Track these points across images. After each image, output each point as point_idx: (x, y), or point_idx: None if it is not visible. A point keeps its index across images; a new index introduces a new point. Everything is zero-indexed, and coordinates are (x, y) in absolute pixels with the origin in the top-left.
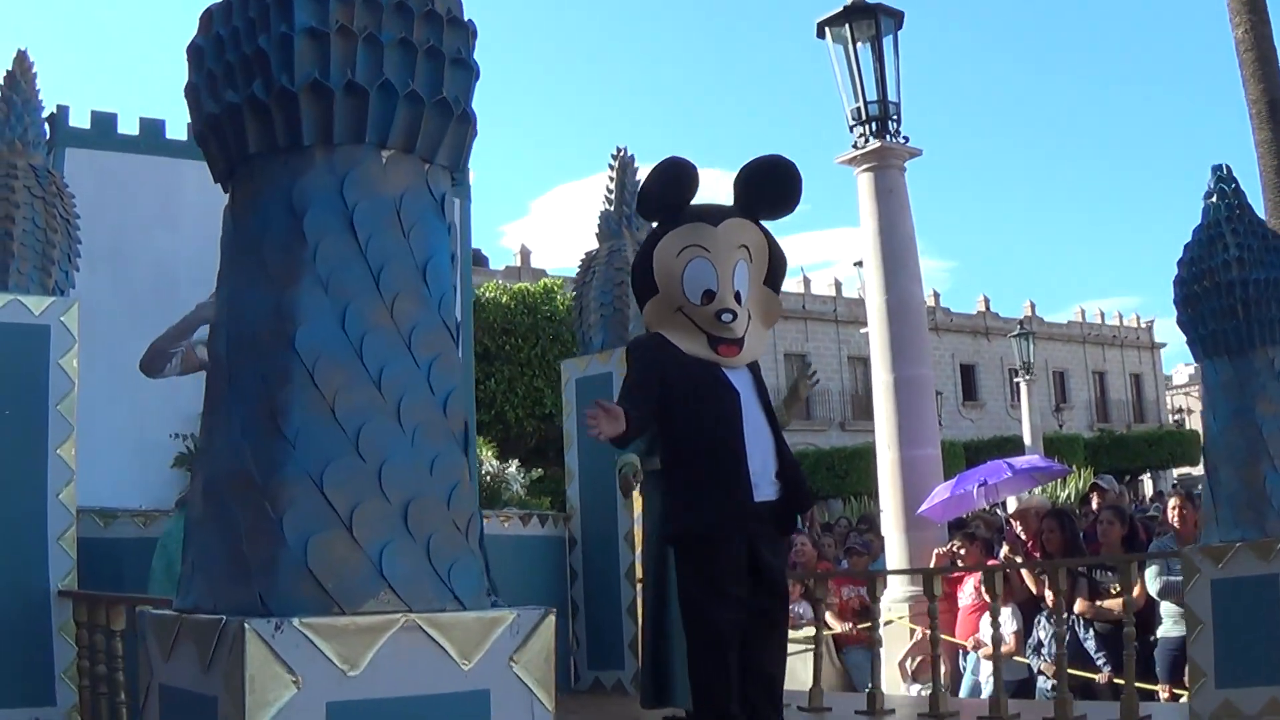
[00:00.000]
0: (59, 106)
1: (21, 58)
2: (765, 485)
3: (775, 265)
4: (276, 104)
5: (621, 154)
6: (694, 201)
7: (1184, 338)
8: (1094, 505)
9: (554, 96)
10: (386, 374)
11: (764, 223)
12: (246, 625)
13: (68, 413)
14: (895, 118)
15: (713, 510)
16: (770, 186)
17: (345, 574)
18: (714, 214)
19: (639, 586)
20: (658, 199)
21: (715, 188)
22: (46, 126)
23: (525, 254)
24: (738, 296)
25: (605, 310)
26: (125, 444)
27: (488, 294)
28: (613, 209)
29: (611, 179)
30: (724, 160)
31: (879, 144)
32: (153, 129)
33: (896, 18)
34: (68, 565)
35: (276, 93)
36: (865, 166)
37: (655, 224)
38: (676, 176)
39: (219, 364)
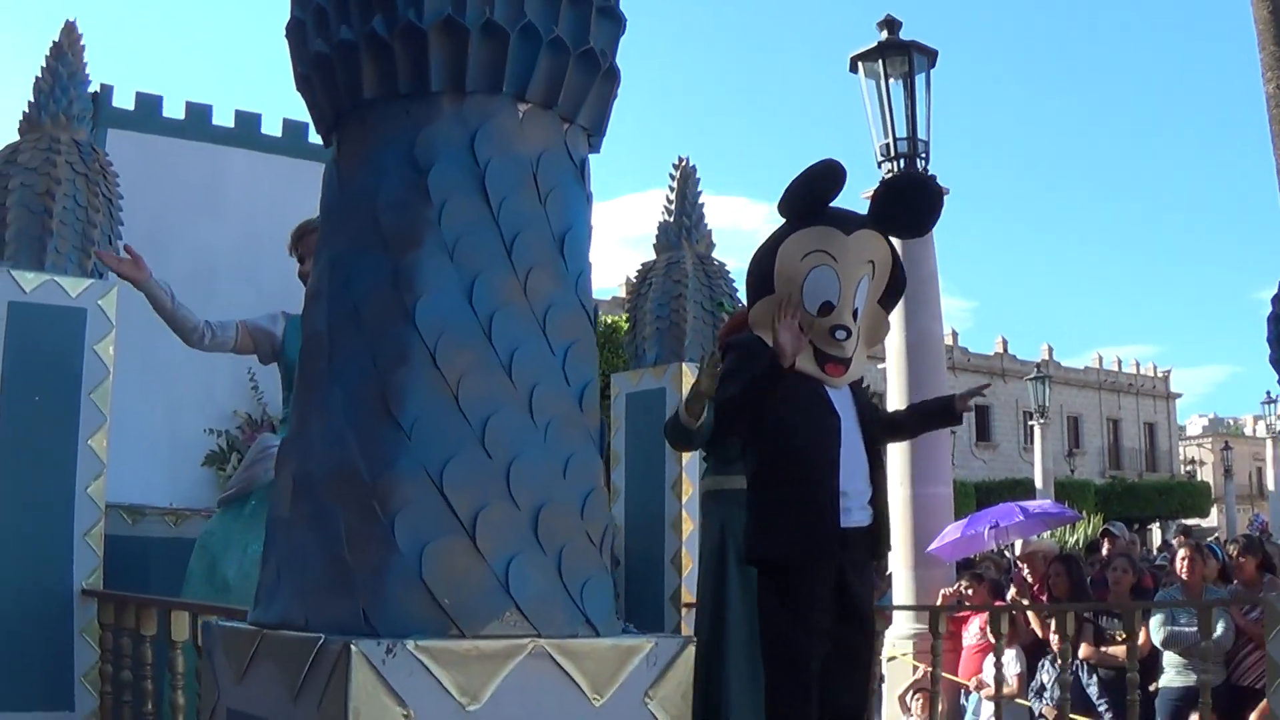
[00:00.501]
0: (102, 86)
1: (70, 28)
2: (857, 510)
3: (895, 285)
4: (400, 43)
5: (683, 164)
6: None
7: (1275, 376)
8: (1104, 551)
9: None
10: (518, 358)
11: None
12: (354, 647)
13: (101, 402)
14: (924, 155)
15: (803, 534)
16: (912, 204)
17: (466, 589)
18: (849, 220)
19: (684, 612)
20: (803, 199)
21: (740, 215)
22: (91, 102)
23: (629, 283)
24: (855, 314)
25: (661, 324)
26: (155, 439)
27: None
28: (672, 220)
29: (672, 189)
30: (749, 189)
31: None
32: (199, 114)
33: (930, 56)
34: (93, 563)
35: (401, 30)
36: None
37: (784, 221)
38: (827, 177)
39: (316, 340)
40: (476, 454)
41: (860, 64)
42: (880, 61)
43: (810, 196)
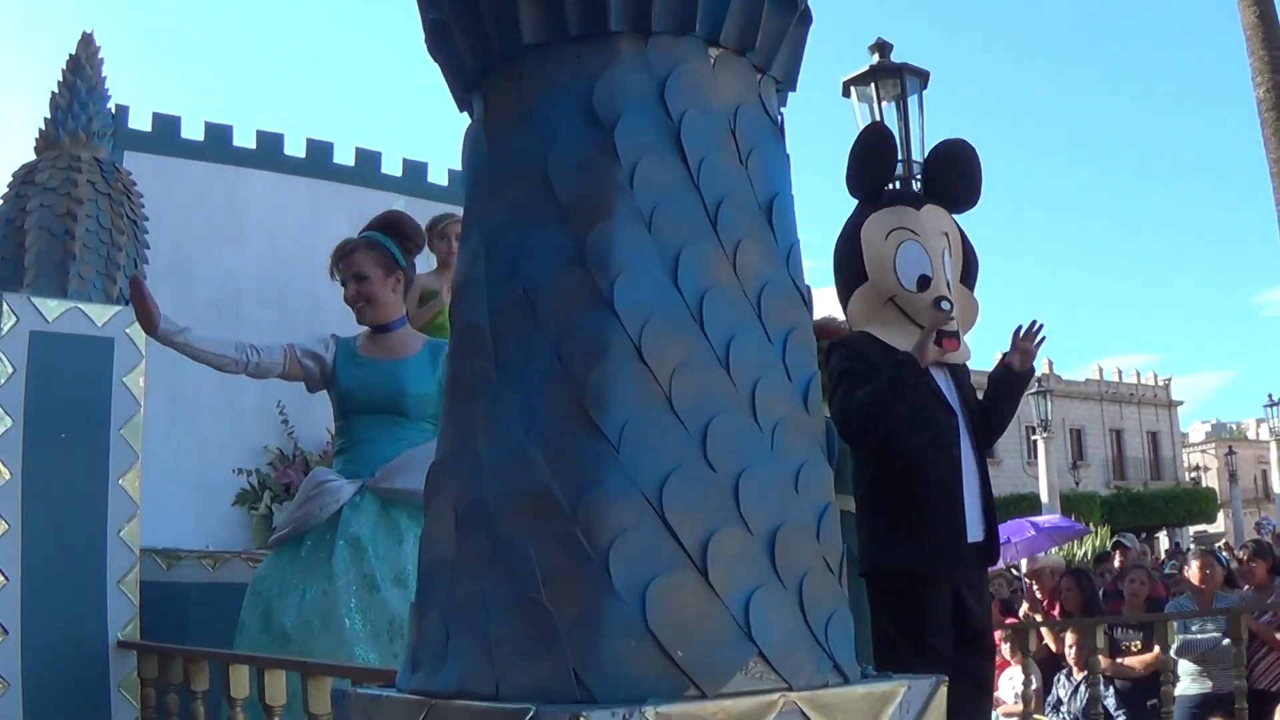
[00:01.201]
0: (118, 106)
1: (87, 41)
2: (974, 524)
3: (970, 260)
4: None
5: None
6: None
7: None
8: (1117, 563)
9: None
10: (736, 349)
11: None
12: (584, 718)
13: (132, 438)
14: (918, 176)
15: (925, 547)
16: (964, 171)
17: (701, 636)
18: (913, 196)
19: None
20: (874, 166)
21: None
22: (111, 118)
23: None
24: (948, 286)
25: None
26: (183, 477)
27: None
28: None
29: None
30: None
31: None
32: (219, 135)
33: (922, 77)
34: (129, 612)
35: None
36: None
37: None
38: (882, 139)
39: (472, 337)
40: (699, 467)
41: (853, 88)
42: (872, 85)
43: (878, 162)
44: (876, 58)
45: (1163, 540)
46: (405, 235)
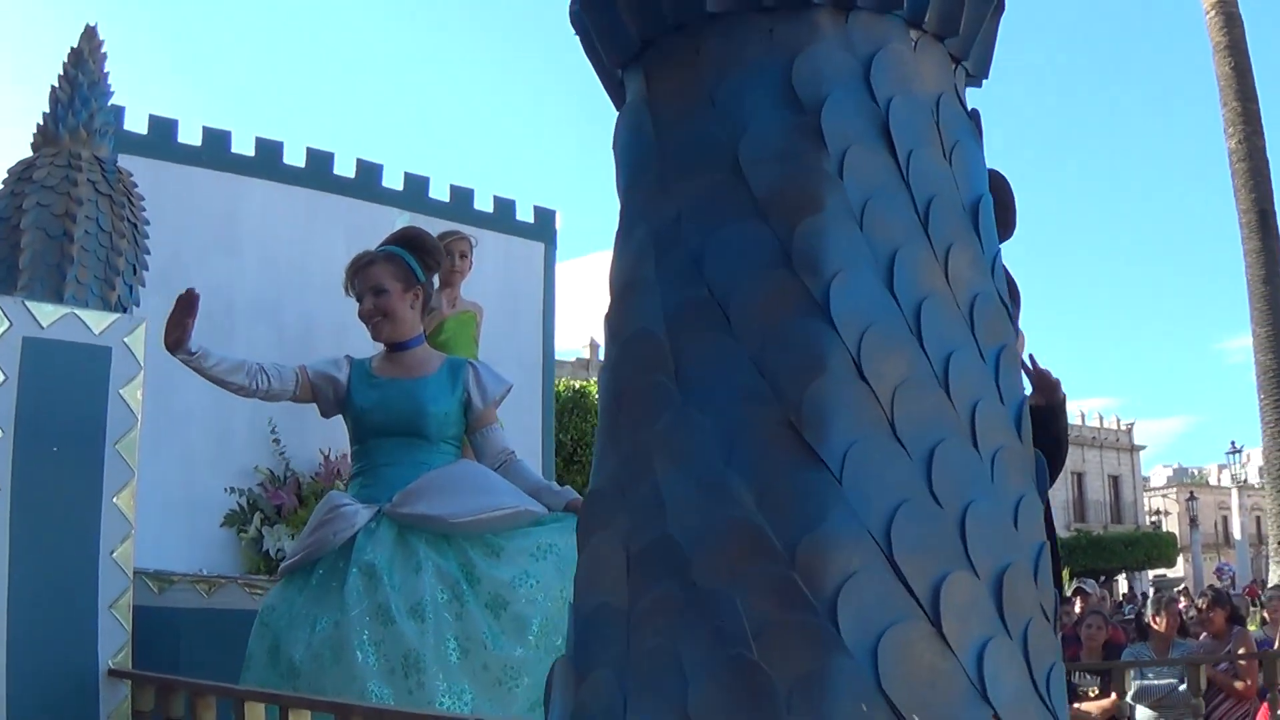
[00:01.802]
0: (113, 107)
1: (90, 34)
2: None
3: (1013, 292)
4: None
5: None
6: None
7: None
8: (1077, 609)
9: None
10: (954, 367)
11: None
12: None
13: (128, 454)
14: None
15: None
16: (1007, 202)
17: (936, 698)
18: None
19: None
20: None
21: None
22: (114, 116)
23: (594, 347)
24: None
25: None
26: (170, 497)
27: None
28: None
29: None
30: None
31: None
32: (217, 140)
33: None
34: (121, 639)
35: None
36: None
37: None
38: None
39: (644, 347)
40: (925, 501)
41: None
42: None
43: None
44: None
45: (1121, 584)
46: (425, 251)
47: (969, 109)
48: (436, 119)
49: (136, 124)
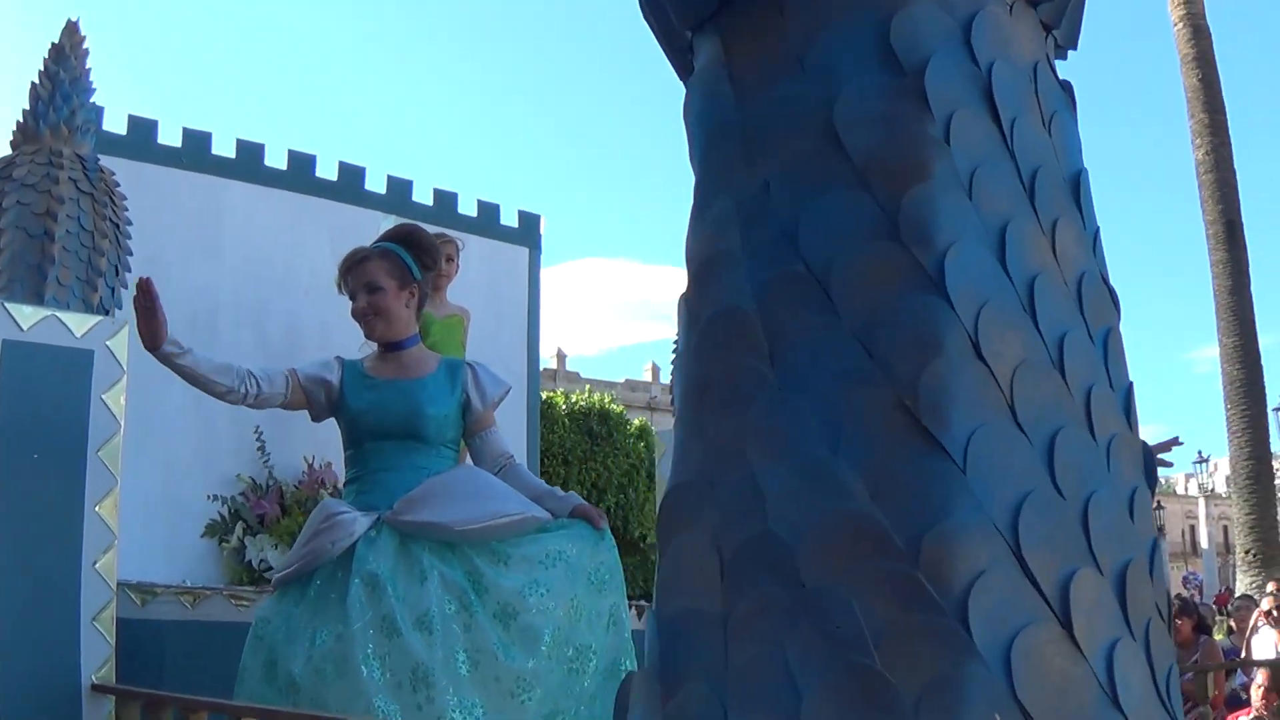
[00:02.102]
0: (94, 104)
1: (72, 29)
2: None
3: None
4: None
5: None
6: None
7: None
8: None
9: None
10: (1068, 349)
11: None
12: None
13: (110, 461)
14: None
15: None
16: None
17: (1068, 705)
18: None
19: None
20: None
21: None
22: (95, 113)
23: (562, 357)
24: None
25: None
26: (151, 505)
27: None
28: None
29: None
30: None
31: None
32: (197, 141)
33: None
34: (104, 652)
35: None
36: None
37: None
38: None
39: (732, 327)
40: (1049, 493)
41: None
42: None
43: None
44: None
45: None
46: (421, 248)
47: (1061, 80)
48: (420, 122)
49: (116, 124)
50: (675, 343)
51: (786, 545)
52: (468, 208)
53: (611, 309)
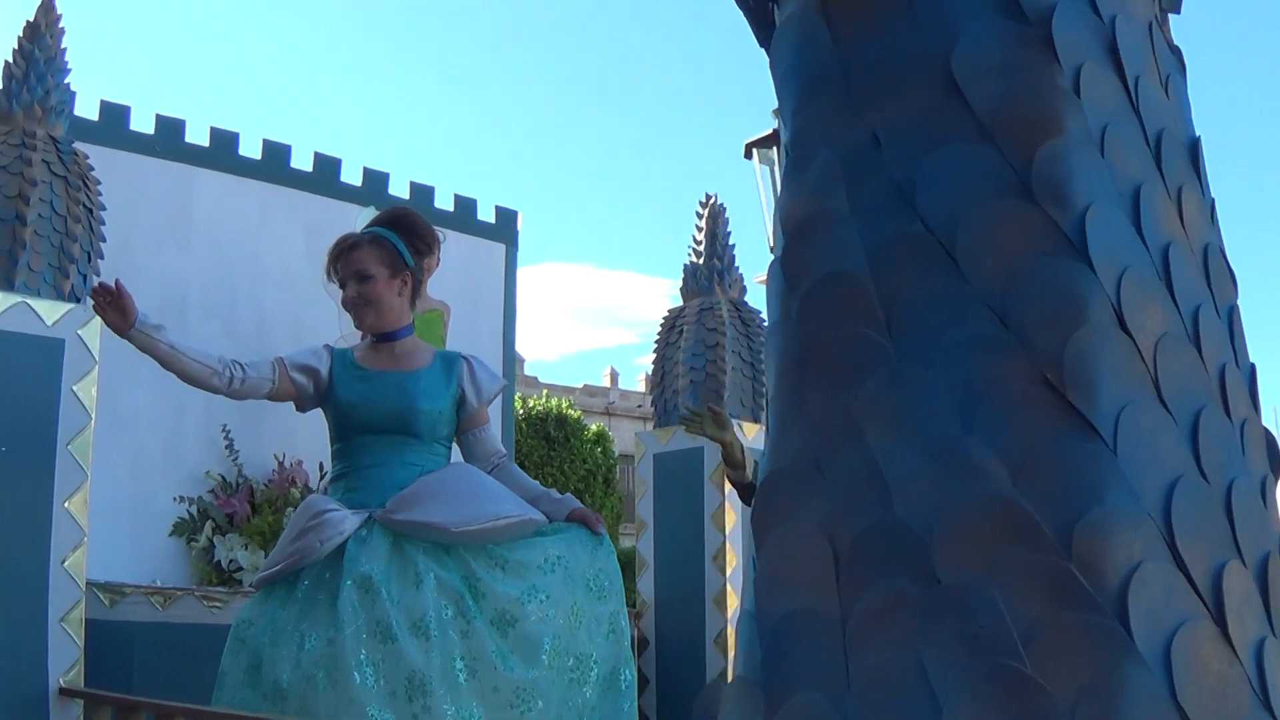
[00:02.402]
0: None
1: (48, 7)
2: None
3: None
4: None
5: (712, 202)
6: None
7: None
8: None
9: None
10: (1203, 323)
11: None
12: None
13: (81, 456)
14: None
15: None
16: None
17: (1225, 708)
18: None
19: None
20: None
21: (642, 291)
22: (70, 93)
23: (519, 361)
24: None
25: (695, 375)
26: (117, 503)
27: None
28: (702, 262)
29: (700, 229)
30: (647, 266)
31: None
32: (170, 129)
33: None
34: (73, 654)
35: None
36: None
37: None
38: None
39: (840, 292)
40: (1195, 478)
41: (755, 150)
42: (774, 148)
43: None
44: (780, 122)
45: None
46: (415, 233)
47: (1171, 44)
48: (397, 114)
49: (87, 109)
50: (759, 317)
51: (916, 535)
52: (444, 202)
53: (570, 314)
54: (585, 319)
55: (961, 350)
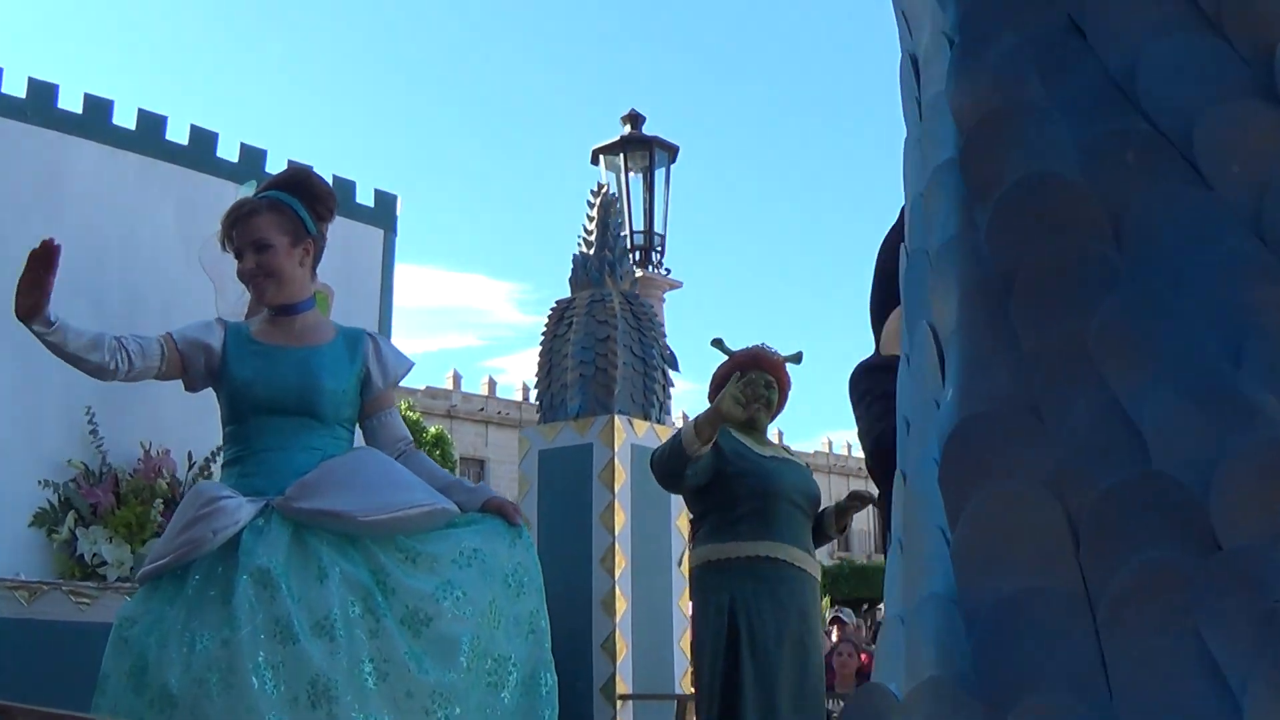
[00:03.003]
0: None
1: None
2: None
3: None
4: None
5: (604, 191)
6: None
7: None
8: (834, 638)
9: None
10: None
11: None
12: None
13: None
14: (659, 249)
15: None
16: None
17: None
18: None
19: (619, 705)
20: None
21: (480, 292)
22: None
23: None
24: None
25: (585, 370)
26: None
27: None
28: (593, 253)
29: (591, 219)
30: (493, 269)
31: (641, 274)
32: (42, 93)
33: (671, 151)
34: None
35: None
36: None
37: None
38: None
39: (1057, 198)
40: None
41: (602, 156)
42: (621, 155)
43: None
44: (628, 129)
45: (881, 612)
46: (316, 197)
47: None
48: (276, 90)
49: None
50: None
51: (1187, 492)
52: None
53: (413, 315)
54: (429, 320)
55: (1218, 270)
